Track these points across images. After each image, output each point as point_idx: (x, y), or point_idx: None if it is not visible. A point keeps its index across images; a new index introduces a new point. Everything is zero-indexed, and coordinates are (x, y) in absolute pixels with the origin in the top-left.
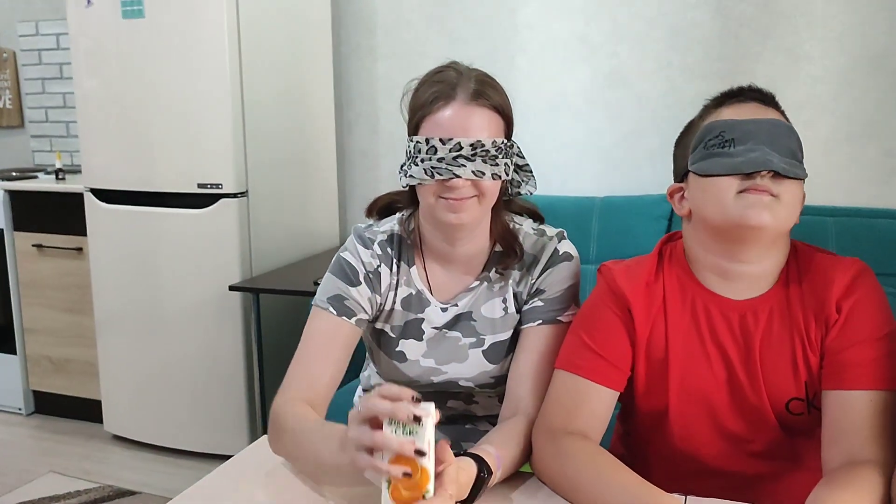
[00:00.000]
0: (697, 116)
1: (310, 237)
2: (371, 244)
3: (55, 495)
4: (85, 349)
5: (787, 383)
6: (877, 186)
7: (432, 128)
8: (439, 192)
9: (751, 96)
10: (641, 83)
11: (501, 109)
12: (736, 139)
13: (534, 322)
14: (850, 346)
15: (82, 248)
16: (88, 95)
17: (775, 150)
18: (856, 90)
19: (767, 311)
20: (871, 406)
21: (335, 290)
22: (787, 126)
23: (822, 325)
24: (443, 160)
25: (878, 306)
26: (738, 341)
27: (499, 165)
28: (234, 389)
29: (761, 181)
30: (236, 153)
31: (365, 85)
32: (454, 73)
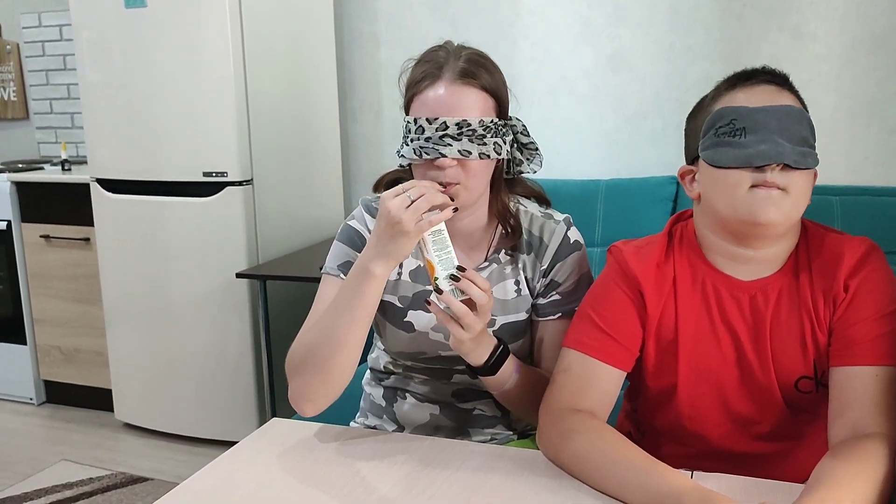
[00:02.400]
0: (709, 97)
1: (315, 224)
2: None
3: (68, 483)
4: (94, 339)
5: (797, 362)
6: (880, 165)
7: (420, 107)
8: (430, 172)
9: (764, 79)
10: (644, 66)
11: (492, 89)
12: (747, 128)
13: (553, 315)
14: (856, 323)
15: (90, 238)
16: (93, 86)
17: (787, 140)
18: (859, 69)
19: (777, 291)
20: (877, 381)
21: (344, 257)
22: (800, 111)
23: (831, 303)
24: (430, 139)
25: (886, 284)
26: (748, 321)
27: (487, 145)
28: (243, 376)
29: (771, 175)
30: (241, 141)
31: (368, 72)
32: (443, 53)
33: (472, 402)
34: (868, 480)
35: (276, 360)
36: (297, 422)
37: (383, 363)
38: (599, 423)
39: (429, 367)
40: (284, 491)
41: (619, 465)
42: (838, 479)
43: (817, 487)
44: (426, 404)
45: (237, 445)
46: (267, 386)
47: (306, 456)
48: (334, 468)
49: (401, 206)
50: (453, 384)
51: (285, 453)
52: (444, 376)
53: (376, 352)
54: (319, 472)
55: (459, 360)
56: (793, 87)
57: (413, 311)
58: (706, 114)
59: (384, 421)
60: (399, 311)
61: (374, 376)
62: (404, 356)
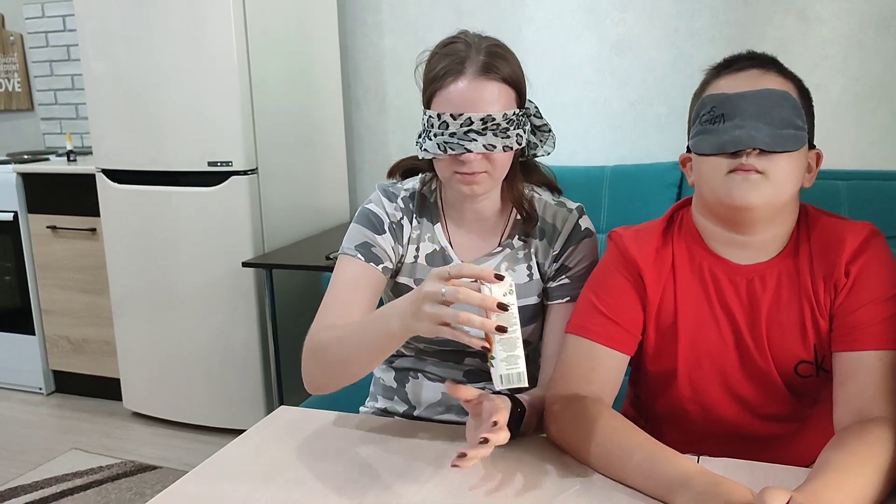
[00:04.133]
0: (699, 86)
1: (320, 212)
2: (395, 198)
3: (78, 471)
4: (102, 329)
5: (796, 347)
6: (888, 149)
7: (443, 103)
8: (453, 166)
9: (747, 64)
10: (649, 50)
11: (512, 80)
12: (725, 114)
13: (562, 299)
14: (858, 308)
15: (96, 228)
16: (97, 76)
17: (765, 123)
18: (866, 51)
19: (776, 276)
20: (881, 365)
21: (362, 238)
22: (781, 94)
23: (832, 289)
24: (454, 135)
25: (888, 268)
26: (745, 306)
27: (510, 137)
28: (250, 364)
29: (747, 160)
30: (245, 130)
31: (372, 60)
32: (463, 46)
33: (484, 381)
34: (873, 465)
35: (283, 348)
36: (305, 409)
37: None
38: (607, 409)
39: (441, 350)
40: (293, 478)
41: (626, 450)
42: (843, 463)
43: (823, 472)
44: (437, 383)
45: (245, 433)
46: (274, 374)
47: (314, 443)
48: (342, 455)
49: (433, 297)
50: (465, 366)
51: (293, 441)
52: (456, 358)
53: None
54: (327, 459)
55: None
56: (782, 68)
57: None
58: (696, 101)
59: (395, 402)
60: None
61: (386, 360)
62: (418, 339)
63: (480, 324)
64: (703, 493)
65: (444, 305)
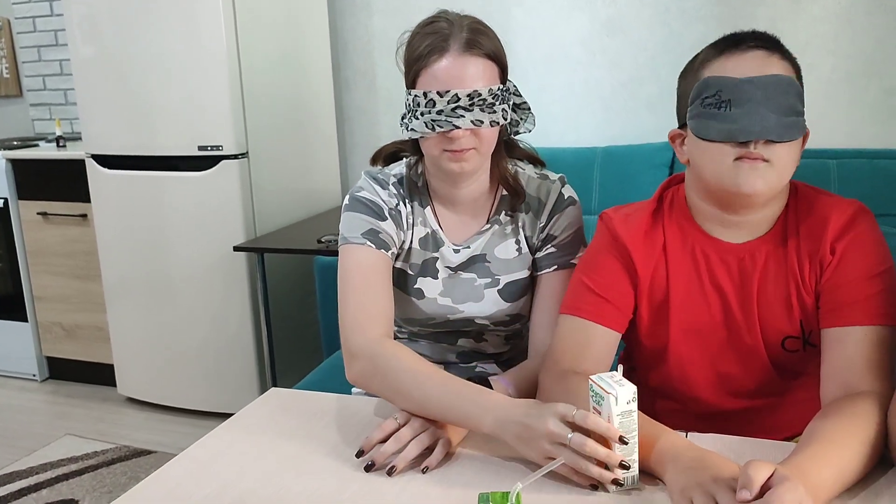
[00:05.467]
0: (699, 59)
1: (312, 196)
2: (386, 185)
3: (73, 456)
4: (95, 314)
5: (782, 322)
6: (878, 126)
7: (429, 81)
8: (441, 144)
9: (753, 45)
10: (639, 30)
11: (495, 55)
12: (733, 100)
13: (549, 268)
14: (844, 285)
15: (87, 214)
16: (85, 61)
17: (773, 111)
18: (856, 29)
19: (765, 253)
20: (867, 341)
21: (367, 225)
22: (788, 80)
23: (817, 266)
24: (442, 112)
25: (874, 245)
26: (736, 283)
27: (496, 112)
28: (243, 348)
29: (755, 149)
30: (235, 114)
31: (361, 41)
32: (446, 24)
33: (476, 362)
34: (858, 438)
35: (276, 332)
36: (296, 391)
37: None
38: None
39: (435, 332)
40: (283, 459)
41: None
42: (828, 437)
43: (808, 445)
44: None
45: (236, 415)
46: (267, 357)
47: (304, 424)
48: (332, 436)
49: (556, 439)
50: (458, 347)
51: (284, 422)
52: (449, 340)
53: None
54: (317, 440)
55: (467, 324)
56: (784, 50)
57: (422, 279)
58: (695, 78)
59: None
60: (410, 278)
61: None
62: (413, 322)
63: (606, 455)
64: (691, 467)
65: (563, 446)
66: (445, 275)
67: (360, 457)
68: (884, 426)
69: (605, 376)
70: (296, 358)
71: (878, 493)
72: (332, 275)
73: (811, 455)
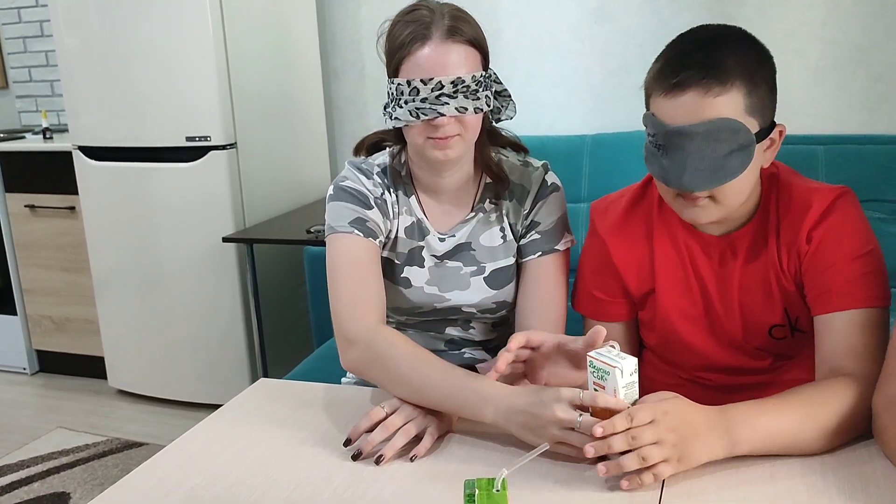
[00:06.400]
0: (651, 78)
1: (301, 186)
2: (370, 174)
3: (64, 449)
4: (84, 307)
5: (766, 312)
6: (866, 113)
7: (412, 69)
8: (426, 132)
9: (693, 81)
10: (628, 18)
11: (476, 42)
12: (665, 147)
13: (534, 255)
14: (825, 270)
15: (75, 206)
16: (70, 52)
17: (704, 160)
18: (844, 15)
19: (746, 244)
20: (849, 325)
21: (354, 214)
22: (723, 124)
23: (795, 256)
24: (426, 100)
25: (854, 229)
26: (719, 275)
27: (480, 99)
28: (234, 339)
29: (694, 192)
30: (223, 105)
31: (349, 31)
32: (427, 12)
33: (465, 349)
34: (806, 409)
35: (266, 323)
36: (285, 381)
37: None
38: None
39: (423, 321)
40: (272, 449)
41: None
42: (777, 399)
43: (756, 401)
44: None
45: (225, 406)
46: (258, 348)
47: (293, 414)
48: (321, 426)
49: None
50: (446, 335)
51: (273, 412)
52: (437, 328)
53: None
54: (306, 429)
55: (454, 312)
56: (727, 73)
57: (409, 267)
58: (647, 95)
59: None
60: (397, 267)
61: None
62: (400, 312)
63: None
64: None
65: (572, 431)
66: (431, 263)
67: (347, 446)
68: (855, 407)
69: (602, 352)
70: (286, 348)
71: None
72: (321, 265)
73: (748, 406)
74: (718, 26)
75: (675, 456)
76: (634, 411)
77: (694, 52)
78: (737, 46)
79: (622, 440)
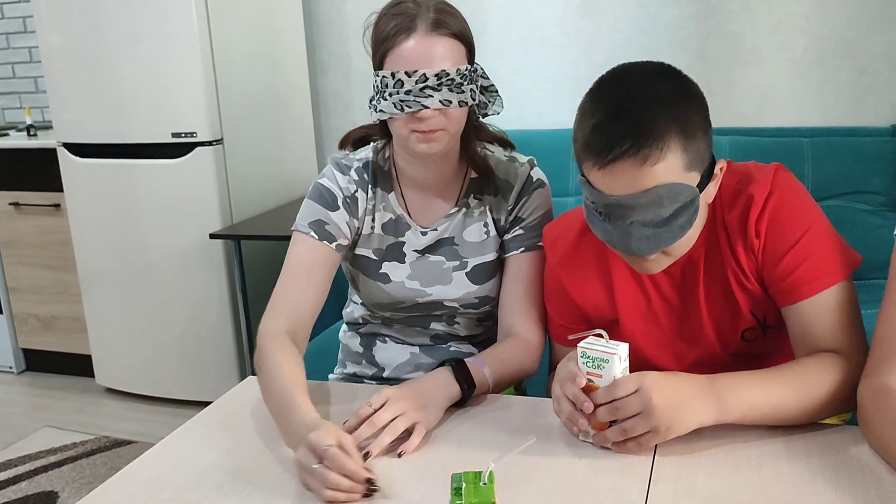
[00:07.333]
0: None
1: (288, 181)
2: (348, 170)
3: (52, 448)
4: (71, 305)
5: (734, 318)
6: (851, 105)
7: (397, 61)
8: (410, 124)
9: (624, 156)
10: (614, 11)
11: (462, 35)
12: (606, 214)
13: (517, 250)
14: (779, 262)
15: (60, 204)
16: (54, 48)
17: (647, 226)
18: (828, 8)
19: (703, 255)
20: (818, 309)
21: (316, 216)
22: (662, 191)
23: (751, 252)
24: (410, 92)
25: (795, 207)
26: (683, 293)
27: (465, 92)
28: (222, 336)
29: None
30: (209, 100)
31: (336, 25)
32: (412, 5)
33: (450, 343)
34: (793, 381)
35: (255, 319)
36: None
37: (359, 315)
38: None
39: (407, 317)
40: (260, 446)
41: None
42: (765, 372)
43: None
44: (404, 345)
45: (213, 404)
46: (246, 344)
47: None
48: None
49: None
50: (431, 330)
51: (261, 409)
52: (422, 324)
53: (351, 306)
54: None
55: (437, 307)
56: (664, 133)
57: (387, 263)
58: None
59: (363, 366)
60: (374, 263)
61: (351, 328)
62: (382, 307)
63: (353, 472)
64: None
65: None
66: (413, 258)
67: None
68: (840, 381)
69: (593, 342)
70: None
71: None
72: None
73: (736, 376)
74: (641, 68)
75: (664, 425)
76: (619, 382)
77: (621, 118)
78: (665, 100)
79: (606, 411)
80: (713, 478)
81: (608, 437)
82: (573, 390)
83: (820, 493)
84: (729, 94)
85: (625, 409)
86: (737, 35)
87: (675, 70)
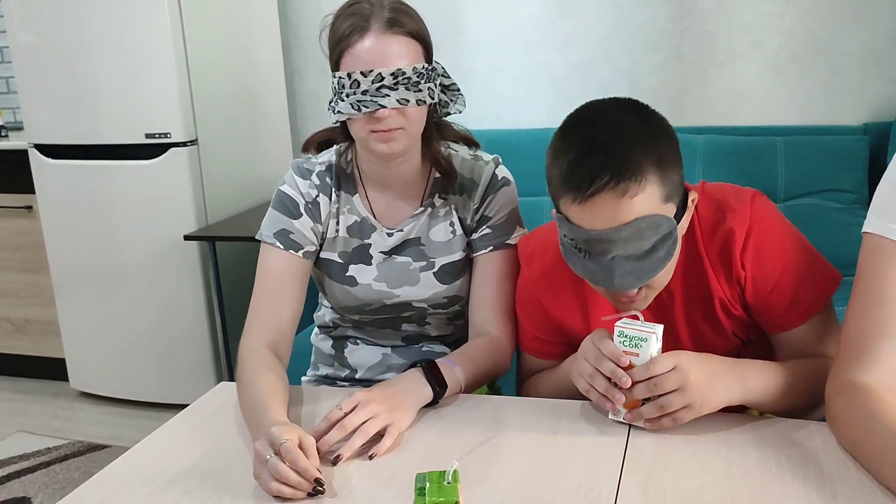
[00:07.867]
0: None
1: (264, 183)
2: (309, 175)
3: (25, 454)
4: (44, 308)
5: (716, 340)
6: (825, 104)
7: (352, 61)
8: (368, 124)
9: (603, 190)
10: (590, 12)
11: (418, 34)
12: (586, 250)
13: (485, 249)
14: (768, 295)
15: (32, 206)
16: (24, 48)
17: (629, 259)
18: (802, 6)
19: (679, 286)
20: (804, 333)
21: (279, 225)
22: (642, 222)
23: (735, 283)
24: (367, 92)
25: (773, 242)
26: (660, 318)
27: (422, 91)
28: (198, 339)
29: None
30: (182, 100)
31: (312, 26)
32: (367, 5)
33: (422, 343)
34: (802, 372)
35: (230, 321)
36: None
37: (329, 319)
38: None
39: (377, 318)
40: (233, 450)
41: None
42: (776, 363)
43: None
44: (376, 347)
45: (186, 410)
46: (222, 347)
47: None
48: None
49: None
50: (402, 332)
51: (235, 414)
52: (393, 326)
53: (322, 309)
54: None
55: (406, 308)
56: (641, 165)
57: (354, 265)
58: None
59: (336, 368)
60: (339, 266)
61: (322, 331)
62: (351, 310)
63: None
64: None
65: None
66: (380, 259)
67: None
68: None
69: (628, 322)
70: None
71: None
72: None
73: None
74: (608, 104)
75: (698, 401)
76: (657, 359)
77: (598, 152)
78: (638, 133)
79: (644, 388)
80: (683, 475)
81: (642, 414)
82: (611, 367)
83: (787, 487)
84: (703, 94)
85: (662, 385)
86: (711, 34)
87: (643, 104)
